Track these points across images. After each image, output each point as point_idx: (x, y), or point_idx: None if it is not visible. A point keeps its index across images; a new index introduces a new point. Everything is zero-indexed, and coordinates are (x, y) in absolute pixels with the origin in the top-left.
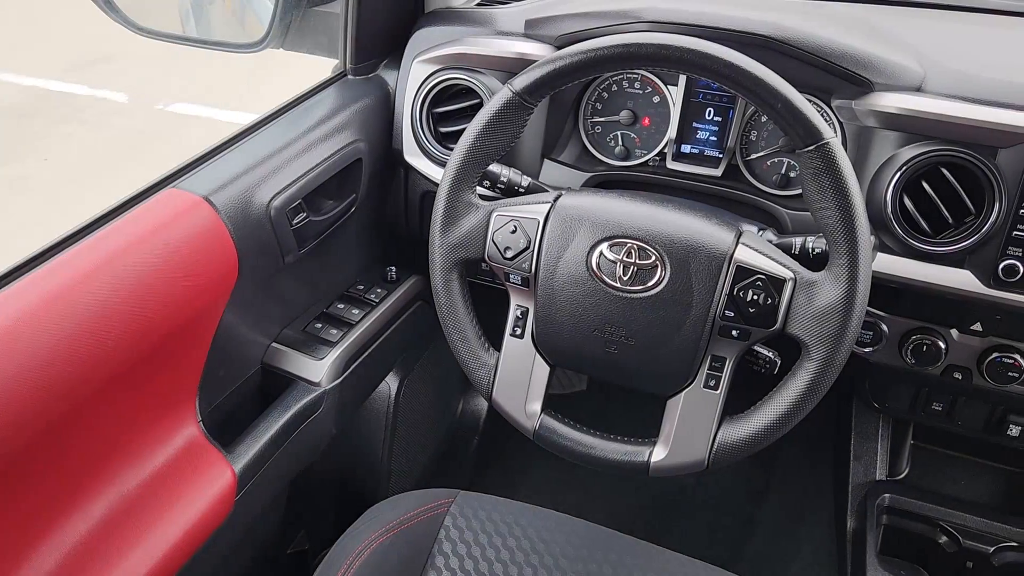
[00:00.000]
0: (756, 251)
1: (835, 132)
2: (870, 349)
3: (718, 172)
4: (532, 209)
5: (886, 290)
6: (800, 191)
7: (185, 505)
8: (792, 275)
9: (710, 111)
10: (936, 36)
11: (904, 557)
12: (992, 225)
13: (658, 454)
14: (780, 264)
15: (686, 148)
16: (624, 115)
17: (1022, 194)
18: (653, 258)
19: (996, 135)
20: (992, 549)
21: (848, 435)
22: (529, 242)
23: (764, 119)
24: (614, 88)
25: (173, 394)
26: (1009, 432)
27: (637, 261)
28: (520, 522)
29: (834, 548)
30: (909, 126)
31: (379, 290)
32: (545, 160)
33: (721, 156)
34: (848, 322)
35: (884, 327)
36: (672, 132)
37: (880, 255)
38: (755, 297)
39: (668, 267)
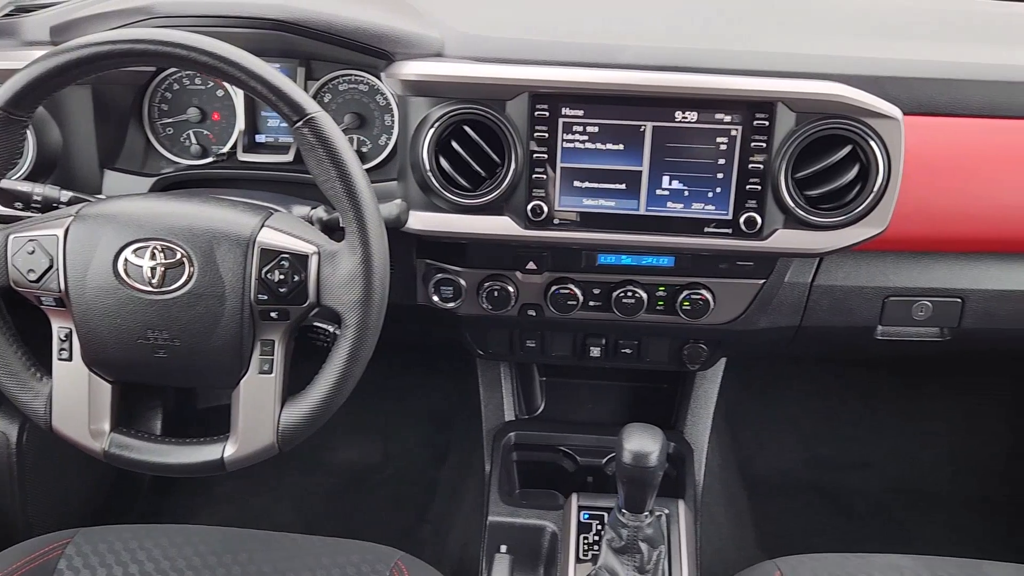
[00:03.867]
0: (280, 231)
1: (387, 106)
2: (454, 304)
3: (289, 158)
4: (51, 225)
5: (451, 246)
6: None
7: None
8: (315, 249)
9: None
10: (459, 2)
11: (541, 486)
12: (515, 172)
13: (230, 448)
14: (303, 240)
15: (260, 138)
16: (192, 112)
17: (534, 140)
18: (179, 255)
19: (499, 89)
20: (604, 460)
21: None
22: (52, 260)
23: None
24: (176, 87)
25: None
26: (591, 354)
27: (163, 261)
28: (145, 546)
29: None
30: (430, 90)
31: None
32: (106, 170)
33: (292, 142)
34: (371, 285)
35: (461, 281)
36: (241, 124)
37: (430, 214)
38: (283, 276)
39: (195, 262)
